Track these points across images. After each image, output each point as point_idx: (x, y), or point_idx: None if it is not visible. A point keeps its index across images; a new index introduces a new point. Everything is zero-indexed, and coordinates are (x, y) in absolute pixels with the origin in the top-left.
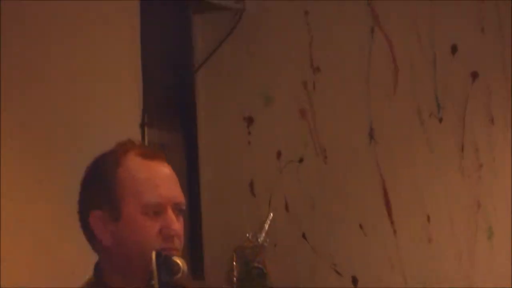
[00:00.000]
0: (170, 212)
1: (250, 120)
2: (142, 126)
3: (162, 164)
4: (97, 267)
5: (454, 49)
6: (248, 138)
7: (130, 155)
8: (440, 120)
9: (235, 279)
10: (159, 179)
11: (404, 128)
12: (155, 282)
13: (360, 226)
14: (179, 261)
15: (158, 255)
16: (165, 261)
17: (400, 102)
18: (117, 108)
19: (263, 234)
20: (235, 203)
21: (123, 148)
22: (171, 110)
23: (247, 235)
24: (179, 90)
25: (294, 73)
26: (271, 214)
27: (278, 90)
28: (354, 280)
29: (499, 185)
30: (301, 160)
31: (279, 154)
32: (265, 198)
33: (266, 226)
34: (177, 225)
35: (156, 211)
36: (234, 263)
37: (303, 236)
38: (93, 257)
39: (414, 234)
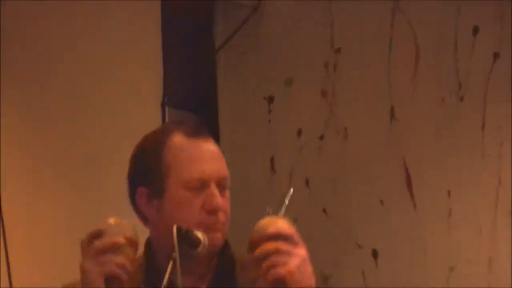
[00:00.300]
0: (213, 187)
1: (270, 100)
2: (163, 105)
3: (206, 142)
4: (147, 243)
5: (475, 30)
6: (269, 116)
7: (175, 134)
8: (461, 99)
9: None
10: (202, 155)
11: (425, 107)
12: (176, 254)
13: (381, 202)
14: (199, 234)
15: (179, 229)
16: (186, 235)
17: (421, 81)
18: (138, 88)
19: (283, 209)
20: (256, 180)
21: (169, 127)
22: (192, 90)
23: (268, 210)
24: (201, 71)
25: (315, 54)
26: (292, 189)
27: (298, 71)
28: (375, 253)
29: None
30: (321, 138)
31: (299, 132)
32: (285, 174)
33: (287, 201)
34: (219, 199)
35: (199, 186)
36: None
37: (324, 211)
38: None
39: (434, 209)
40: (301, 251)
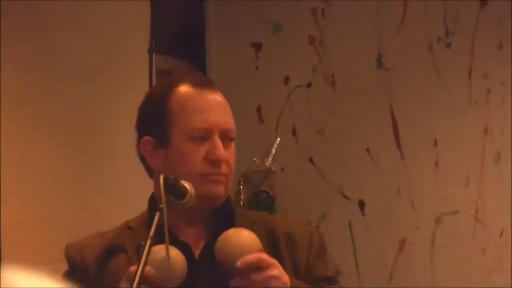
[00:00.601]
0: (216, 138)
1: (258, 46)
2: (150, 51)
3: (212, 92)
4: (151, 198)
5: None
6: (256, 63)
7: (182, 84)
8: (449, 45)
9: (241, 202)
10: (207, 105)
11: (412, 54)
12: (163, 205)
13: (367, 151)
14: (187, 185)
15: (166, 179)
16: (173, 185)
17: (408, 28)
18: (125, 33)
19: (270, 158)
20: (243, 128)
21: (177, 77)
22: (180, 37)
23: (255, 159)
24: (188, 17)
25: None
26: (278, 139)
27: (286, 17)
28: (361, 204)
29: (506, 110)
30: (309, 85)
31: (287, 80)
32: (272, 123)
33: (273, 151)
34: (222, 150)
35: (202, 136)
36: (241, 187)
37: (310, 160)
38: None
39: (421, 158)
40: (273, 272)
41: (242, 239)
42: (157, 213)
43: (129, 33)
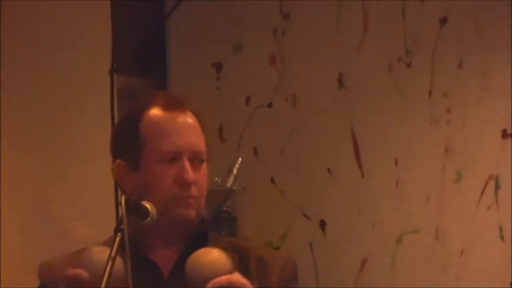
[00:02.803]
0: (185, 161)
1: (219, 66)
2: (111, 72)
3: (182, 114)
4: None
5: None
6: (217, 83)
7: (153, 107)
8: (409, 65)
9: None
10: (176, 128)
11: (372, 73)
12: (124, 226)
13: (328, 170)
14: (148, 205)
15: (127, 200)
16: (134, 206)
17: (369, 47)
18: (86, 54)
19: (232, 178)
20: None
21: (147, 100)
22: (141, 57)
23: (216, 179)
24: (150, 37)
25: (264, 19)
26: (240, 159)
27: (247, 37)
28: (322, 224)
29: (466, 129)
30: (270, 105)
31: (248, 99)
32: (234, 143)
33: (235, 171)
34: (190, 173)
35: (171, 159)
36: None
37: (272, 180)
38: None
39: (382, 178)
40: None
41: (213, 259)
42: (119, 233)
43: (90, 53)
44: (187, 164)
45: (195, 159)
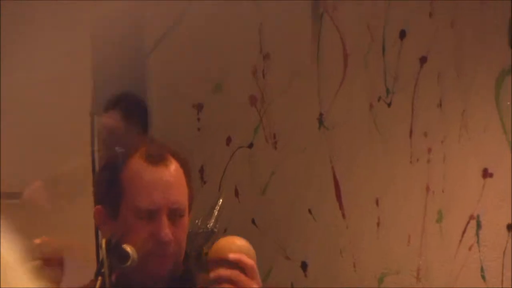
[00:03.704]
0: (162, 218)
1: (199, 107)
2: (91, 114)
3: (164, 169)
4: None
5: (402, 34)
6: (198, 124)
7: (136, 158)
8: (389, 104)
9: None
10: (156, 185)
11: (353, 113)
12: (105, 269)
13: (309, 211)
14: (129, 249)
15: (108, 243)
16: (115, 249)
17: (349, 87)
18: (67, 97)
19: (213, 220)
20: None
21: (132, 149)
22: (122, 98)
23: (196, 221)
24: (130, 79)
25: (243, 60)
26: (221, 200)
27: (227, 77)
28: (304, 265)
29: (447, 169)
30: (251, 146)
31: (229, 140)
32: (215, 184)
33: (216, 212)
34: (166, 231)
35: (149, 216)
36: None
37: (253, 221)
38: None
39: (363, 218)
40: (254, 286)
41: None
42: (99, 277)
43: (70, 94)
44: (164, 222)
45: (173, 215)
